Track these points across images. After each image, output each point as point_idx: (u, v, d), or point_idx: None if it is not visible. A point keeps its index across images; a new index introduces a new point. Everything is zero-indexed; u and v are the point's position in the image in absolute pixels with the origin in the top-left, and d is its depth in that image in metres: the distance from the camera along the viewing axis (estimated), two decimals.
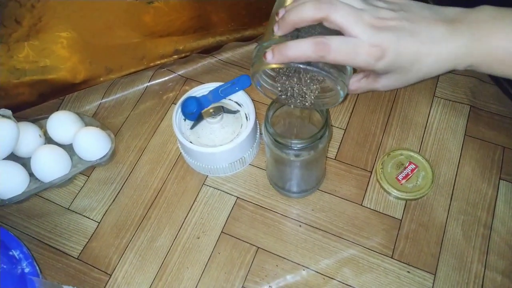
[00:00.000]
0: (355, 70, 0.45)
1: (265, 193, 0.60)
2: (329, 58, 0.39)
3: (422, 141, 0.63)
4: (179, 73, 0.72)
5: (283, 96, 0.46)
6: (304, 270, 0.55)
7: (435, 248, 0.55)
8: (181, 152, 0.63)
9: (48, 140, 0.63)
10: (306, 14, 0.39)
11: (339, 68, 0.41)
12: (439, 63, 0.40)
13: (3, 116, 0.61)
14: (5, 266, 0.43)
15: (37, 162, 0.59)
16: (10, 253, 0.45)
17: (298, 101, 0.46)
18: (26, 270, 0.44)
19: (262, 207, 0.59)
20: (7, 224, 0.60)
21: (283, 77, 0.44)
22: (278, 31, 0.42)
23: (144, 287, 0.55)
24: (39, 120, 0.65)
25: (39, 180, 0.60)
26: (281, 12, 0.42)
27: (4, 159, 0.60)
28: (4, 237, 0.47)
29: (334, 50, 0.39)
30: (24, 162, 0.61)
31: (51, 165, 0.60)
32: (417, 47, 0.39)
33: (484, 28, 0.38)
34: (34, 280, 0.43)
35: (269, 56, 0.41)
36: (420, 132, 0.64)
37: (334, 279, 0.54)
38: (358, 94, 0.67)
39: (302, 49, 0.39)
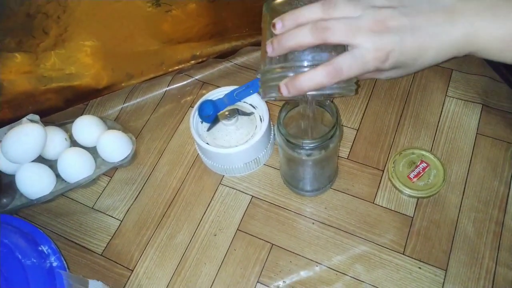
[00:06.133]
0: None
1: (279, 192, 0.62)
2: (343, 78, 0.40)
3: (434, 140, 0.64)
4: (197, 77, 0.75)
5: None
6: (317, 266, 0.56)
7: (446, 244, 0.56)
8: (198, 153, 0.66)
9: (74, 143, 0.67)
10: (304, 40, 0.40)
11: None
12: (440, 54, 0.41)
13: (32, 121, 0.65)
14: (35, 260, 0.46)
15: (63, 164, 0.63)
16: (39, 248, 0.48)
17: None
18: (54, 264, 0.47)
19: (277, 205, 0.61)
20: (36, 223, 0.63)
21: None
22: (272, 52, 0.42)
23: (164, 282, 0.57)
24: (65, 124, 0.68)
25: (65, 181, 0.64)
26: (278, 26, 0.41)
27: (33, 161, 0.63)
28: (33, 233, 0.50)
29: (346, 70, 0.40)
30: (51, 164, 0.64)
31: (76, 167, 0.63)
32: (419, 43, 0.40)
33: (482, 19, 0.39)
34: (62, 273, 0.46)
35: (284, 91, 0.42)
36: (432, 131, 0.65)
37: (347, 275, 0.55)
38: (371, 95, 0.69)
39: (316, 81, 0.40)
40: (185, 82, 0.75)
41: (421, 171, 0.60)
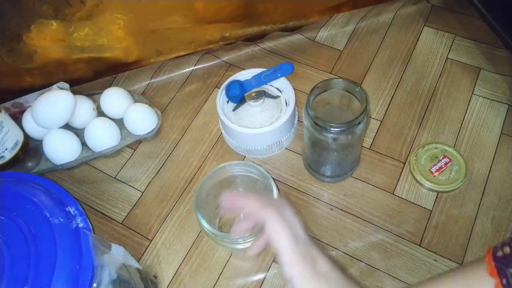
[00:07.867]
0: None
1: (300, 176, 0.63)
2: None
3: (457, 136, 0.64)
4: (224, 59, 0.75)
5: None
6: (333, 250, 0.57)
7: (463, 239, 0.56)
8: (221, 133, 0.67)
9: (101, 113, 0.68)
10: None
11: None
12: None
13: (61, 88, 0.66)
14: (62, 220, 0.47)
15: (90, 132, 0.64)
16: (67, 209, 0.49)
17: None
18: (80, 225, 0.48)
19: (296, 189, 0.62)
20: None
21: None
22: None
23: (181, 254, 0.58)
24: (93, 94, 0.69)
25: (90, 150, 0.65)
26: None
27: (60, 128, 0.65)
28: (60, 193, 0.51)
29: None
30: (78, 132, 0.66)
31: (102, 136, 0.64)
32: None
33: None
34: (88, 234, 0.47)
35: None
36: (456, 128, 0.65)
37: (362, 261, 0.56)
38: (397, 88, 0.69)
39: None
40: (212, 63, 0.75)
41: (443, 166, 0.60)
